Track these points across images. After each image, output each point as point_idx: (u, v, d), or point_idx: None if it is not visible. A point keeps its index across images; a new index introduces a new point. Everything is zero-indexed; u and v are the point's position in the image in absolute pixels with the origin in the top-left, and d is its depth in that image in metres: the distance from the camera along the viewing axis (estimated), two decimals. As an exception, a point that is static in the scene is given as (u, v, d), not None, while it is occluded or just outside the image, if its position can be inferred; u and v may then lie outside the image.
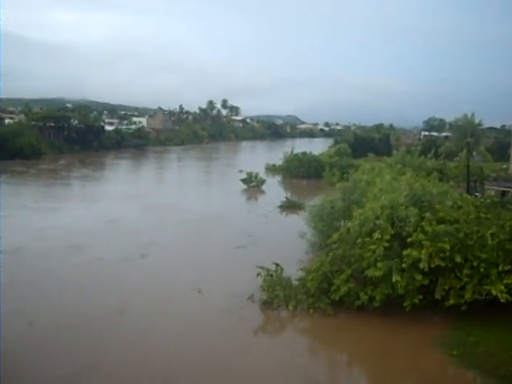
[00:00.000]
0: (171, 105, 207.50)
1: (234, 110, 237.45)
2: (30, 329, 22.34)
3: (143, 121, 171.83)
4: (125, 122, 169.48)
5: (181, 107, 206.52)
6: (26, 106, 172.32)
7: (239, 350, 21.34)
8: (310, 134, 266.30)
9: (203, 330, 23.02)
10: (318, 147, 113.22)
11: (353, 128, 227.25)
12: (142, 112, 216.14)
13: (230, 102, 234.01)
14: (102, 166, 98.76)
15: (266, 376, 19.19)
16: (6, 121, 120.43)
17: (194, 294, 26.94)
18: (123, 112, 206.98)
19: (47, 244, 35.98)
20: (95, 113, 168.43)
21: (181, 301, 26.23)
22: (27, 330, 22.13)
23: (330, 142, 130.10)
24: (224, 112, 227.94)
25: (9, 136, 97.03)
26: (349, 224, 27.53)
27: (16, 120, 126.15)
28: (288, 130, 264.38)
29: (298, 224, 38.31)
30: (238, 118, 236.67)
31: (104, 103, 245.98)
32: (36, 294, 26.32)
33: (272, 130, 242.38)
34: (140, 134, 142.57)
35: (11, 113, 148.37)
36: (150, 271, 31.06)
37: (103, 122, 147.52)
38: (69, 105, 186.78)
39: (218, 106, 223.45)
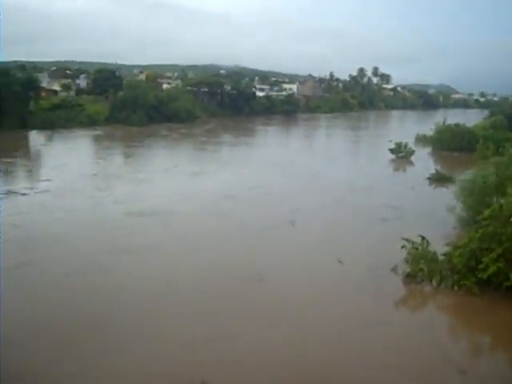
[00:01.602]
0: (321, 72, 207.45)
1: (385, 78, 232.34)
2: (166, 289, 23.13)
3: (293, 87, 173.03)
4: (275, 88, 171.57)
5: (331, 74, 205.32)
6: (183, 71, 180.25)
7: (379, 320, 21.20)
8: (464, 104, 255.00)
9: (343, 299, 23.04)
10: (471, 118, 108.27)
11: (511, 99, 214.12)
12: (292, 79, 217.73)
13: (381, 70, 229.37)
14: (250, 132, 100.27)
15: (404, 349, 19.02)
16: (164, 86, 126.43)
17: (334, 264, 26.91)
18: (274, 78, 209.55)
19: (189, 208, 36.96)
20: (247, 79, 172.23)
21: (321, 270, 26.27)
22: (164, 291, 22.93)
23: (485, 113, 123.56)
24: (374, 80, 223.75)
25: (166, 100, 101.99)
26: (502, 200, 26.29)
27: (173, 85, 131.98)
28: (440, 99, 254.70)
29: (447, 198, 37.13)
30: (389, 86, 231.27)
31: (255, 70, 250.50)
32: (176, 258, 27.14)
33: (424, 99, 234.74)
34: (290, 100, 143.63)
35: (169, 78, 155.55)
36: (292, 240, 31.29)
37: (254, 88, 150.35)
38: (222, 71, 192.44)
39: (369, 73, 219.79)
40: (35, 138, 76.60)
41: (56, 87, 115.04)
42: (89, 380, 16.65)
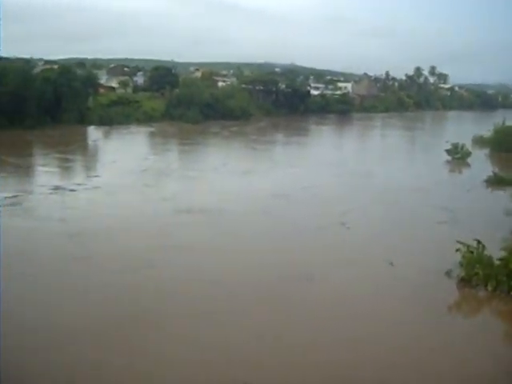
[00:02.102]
0: (377, 71, 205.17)
1: (442, 77, 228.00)
2: (214, 288, 23.07)
3: (348, 86, 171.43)
4: (330, 87, 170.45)
5: (387, 73, 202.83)
6: (238, 69, 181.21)
7: (430, 324, 21.03)
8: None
9: (393, 303, 22.83)
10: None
11: None
12: (347, 77, 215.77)
13: (439, 70, 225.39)
14: (302, 131, 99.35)
15: (456, 354, 18.76)
16: (220, 84, 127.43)
17: (386, 266, 26.68)
18: (329, 77, 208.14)
19: (239, 207, 37.05)
20: (302, 77, 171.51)
21: (372, 272, 26.09)
22: (211, 290, 22.92)
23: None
24: (431, 79, 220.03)
25: (221, 98, 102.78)
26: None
27: (228, 83, 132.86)
28: (499, 99, 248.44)
29: (504, 201, 36.42)
30: (446, 86, 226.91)
31: (310, 68, 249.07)
32: (225, 257, 27.09)
33: (482, 99, 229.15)
34: (344, 99, 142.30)
35: (224, 76, 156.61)
36: (343, 241, 31.13)
37: (309, 86, 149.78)
38: (277, 69, 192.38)
39: (426, 72, 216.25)
40: (93, 133, 78.57)
41: (114, 84, 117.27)
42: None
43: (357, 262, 27.36)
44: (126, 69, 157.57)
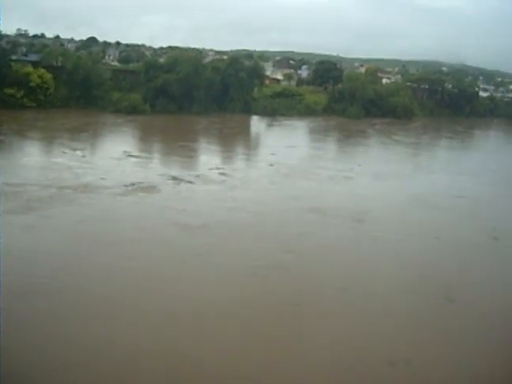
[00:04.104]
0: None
1: None
2: (341, 295, 22.77)
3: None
4: (501, 89, 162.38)
5: None
6: (403, 66, 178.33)
7: None
8: None
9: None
10: None
11: None
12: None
13: None
14: (460, 134, 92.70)
15: None
16: (384, 80, 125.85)
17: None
18: (500, 79, 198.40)
19: (377, 210, 35.83)
20: (470, 78, 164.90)
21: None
22: (338, 297, 22.59)
23: None
24: None
25: (384, 95, 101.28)
26: None
27: (392, 80, 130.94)
28: None
29: None
30: None
31: (480, 68, 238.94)
32: (356, 263, 26.52)
33: None
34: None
35: (388, 73, 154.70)
36: (491, 258, 29.21)
37: (477, 87, 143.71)
38: (444, 68, 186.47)
39: None
40: (254, 123, 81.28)
41: (279, 76, 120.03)
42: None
43: (507, 282, 25.84)
44: (291, 62, 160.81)
